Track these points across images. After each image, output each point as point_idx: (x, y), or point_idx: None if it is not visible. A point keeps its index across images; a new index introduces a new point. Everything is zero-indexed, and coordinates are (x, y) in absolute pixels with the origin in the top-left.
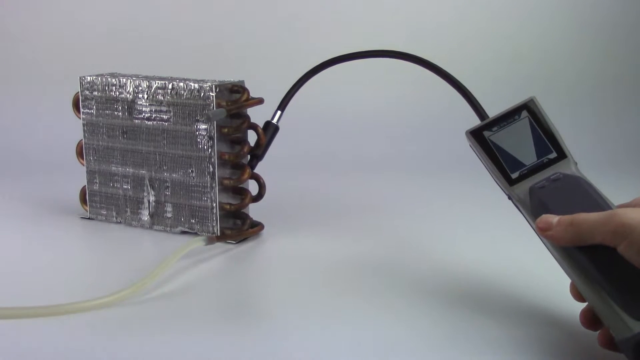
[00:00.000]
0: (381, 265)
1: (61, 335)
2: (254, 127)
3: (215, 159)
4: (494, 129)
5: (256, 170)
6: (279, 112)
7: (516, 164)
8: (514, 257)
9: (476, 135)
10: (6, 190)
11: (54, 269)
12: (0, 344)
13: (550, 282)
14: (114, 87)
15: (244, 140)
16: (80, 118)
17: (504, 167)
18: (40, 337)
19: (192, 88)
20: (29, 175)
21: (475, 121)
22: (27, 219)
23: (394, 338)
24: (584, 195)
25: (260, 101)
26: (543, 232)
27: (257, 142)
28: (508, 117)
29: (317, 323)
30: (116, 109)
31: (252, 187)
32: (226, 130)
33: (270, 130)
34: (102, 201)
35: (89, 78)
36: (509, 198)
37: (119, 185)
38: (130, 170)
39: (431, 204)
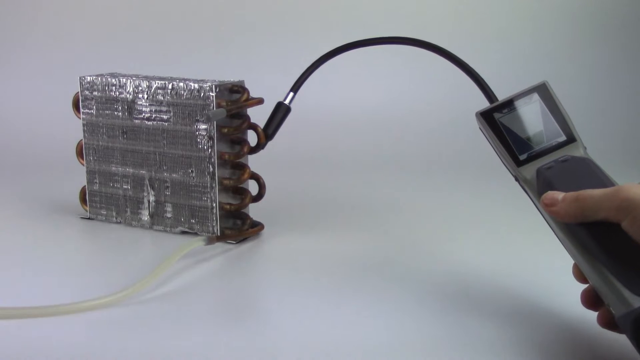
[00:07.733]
0: (381, 265)
1: (61, 335)
2: (254, 127)
3: (215, 159)
4: (505, 111)
5: (256, 170)
6: (291, 94)
7: (525, 146)
8: (515, 257)
9: (486, 117)
10: (6, 190)
11: (53, 269)
12: (0, 344)
13: (551, 282)
14: (114, 87)
15: (244, 140)
16: (80, 118)
17: (512, 148)
18: (40, 337)
19: (192, 88)
20: (29, 175)
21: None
22: (27, 219)
23: (393, 338)
24: (590, 175)
25: (260, 101)
26: (548, 207)
27: (268, 122)
28: (519, 99)
29: (317, 323)
30: (116, 109)
31: (252, 187)
32: (226, 130)
33: (282, 110)
34: (102, 201)
35: (89, 78)
36: (516, 179)
37: (119, 185)
38: (130, 170)
39: (432, 203)
